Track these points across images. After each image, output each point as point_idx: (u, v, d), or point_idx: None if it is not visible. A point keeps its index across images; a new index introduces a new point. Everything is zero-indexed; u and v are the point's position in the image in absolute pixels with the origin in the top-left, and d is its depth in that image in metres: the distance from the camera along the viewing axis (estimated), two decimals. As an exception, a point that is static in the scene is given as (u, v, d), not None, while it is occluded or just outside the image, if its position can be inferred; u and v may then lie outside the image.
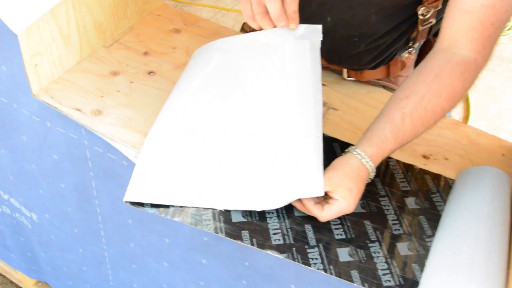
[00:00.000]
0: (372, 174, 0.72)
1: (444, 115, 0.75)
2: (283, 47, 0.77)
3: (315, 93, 0.74)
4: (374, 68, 0.96)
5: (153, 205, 0.72)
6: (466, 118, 2.27)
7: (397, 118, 0.71)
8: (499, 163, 0.86)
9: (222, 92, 0.79)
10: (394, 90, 1.06)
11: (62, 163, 0.93)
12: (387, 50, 0.93)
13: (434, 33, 0.97)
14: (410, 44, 0.95)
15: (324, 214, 0.69)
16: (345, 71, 0.99)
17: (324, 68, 0.99)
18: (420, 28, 0.90)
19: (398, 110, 0.72)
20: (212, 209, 0.72)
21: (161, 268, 1.00)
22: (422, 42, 0.97)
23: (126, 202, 0.71)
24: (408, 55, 0.97)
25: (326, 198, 0.71)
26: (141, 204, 0.72)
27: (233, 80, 0.79)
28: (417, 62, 1.03)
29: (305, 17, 0.84)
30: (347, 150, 0.73)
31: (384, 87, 1.01)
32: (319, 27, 0.76)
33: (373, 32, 0.88)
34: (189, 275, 0.95)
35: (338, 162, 0.72)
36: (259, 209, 0.70)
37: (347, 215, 0.73)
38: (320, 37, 0.75)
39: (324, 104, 0.92)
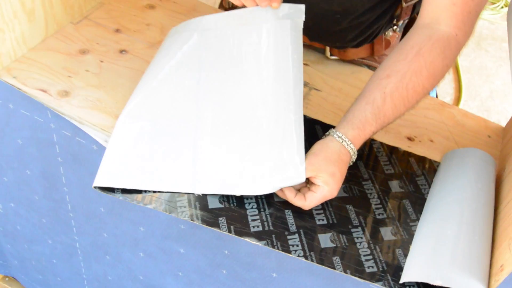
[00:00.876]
0: (354, 157, 0.74)
1: (426, 94, 0.76)
2: (264, 27, 0.77)
3: (295, 74, 0.74)
4: (357, 46, 0.98)
5: (124, 191, 0.72)
6: (458, 99, 2.31)
7: (378, 99, 0.73)
8: (485, 144, 0.89)
9: (199, 73, 0.79)
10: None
11: (27, 148, 0.93)
12: (370, 27, 0.94)
13: (418, 11, 0.99)
14: (394, 21, 0.96)
15: (308, 203, 0.71)
16: (327, 49, 1.00)
17: (306, 46, 1.00)
18: (404, 5, 0.92)
19: (379, 90, 0.73)
20: (187, 194, 0.73)
21: (136, 259, 1.00)
22: (406, 20, 0.99)
23: (95, 187, 0.72)
24: (393, 33, 0.98)
25: (308, 184, 0.72)
26: (112, 190, 0.72)
27: (212, 60, 0.80)
28: None
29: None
30: (327, 133, 0.74)
31: (369, 66, 1.03)
32: (302, 7, 0.77)
33: (356, 8, 0.89)
34: (166, 265, 0.95)
35: (318, 146, 0.73)
36: (238, 193, 0.71)
37: (329, 200, 0.74)
38: (302, 17, 0.76)
39: (306, 84, 0.93)
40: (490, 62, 2.51)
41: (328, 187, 0.70)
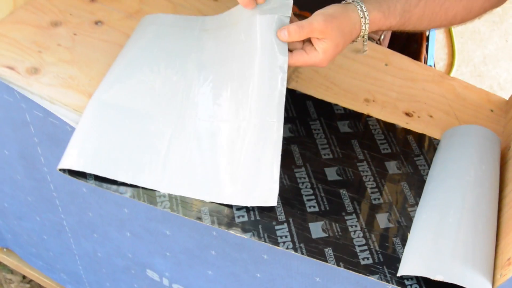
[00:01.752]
0: (358, 39, 0.66)
1: (452, 24, 0.69)
2: (248, 23, 0.66)
3: (277, 74, 0.63)
4: None
5: (98, 178, 0.63)
6: (451, 64, 2.20)
7: None
8: (487, 119, 0.79)
9: (180, 64, 0.70)
10: (374, 39, 0.96)
11: (2, 129, 0.83)
12: None
13: None
14: None
15: (292, 60, 0.63)
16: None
17: (296, 15, 0.89)
18: None
19: None
20: None
21: (123, 238, 0.92)
22: None
23: (60, 170, 0.62)
24: None
25: (304, 43, 0.64)
26: (83, 176, 0.63)
27: (192, 52, 0.71)
28: None
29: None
30: (351, 0, 0.65)
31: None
32: (289, 3, 0.65)
33: None
34: (154, 245, 0.88)
35: (338, 9, 0.64)
36: (205, 199, 0.62)
37: (321, 184, 0.65)
38: (289, 13, 0.64)
39: (297, 56, 0.82)
40: (483, 26, 2.37)
41: (324, 56, 0.62)
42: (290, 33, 0.62)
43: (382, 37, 0.97)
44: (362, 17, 0.64)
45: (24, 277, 1.56)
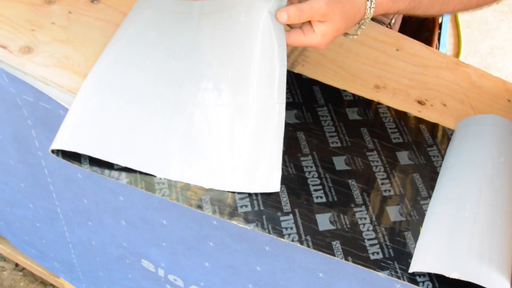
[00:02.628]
0: (362, 22, 0.62)
1: (466, 9, 0.65)
2: (247, 3, 0.63)
3: (275, 55, 0.60)
4: None
5: (93, 163, 0.59)
6: (456, 55, 2.16)
7: None
8: (504, 109, 0.76)
9: (179, 48, 0.66)
10: (384, 23, 0.93)
11: (-6, 111, 0.79)
12: None
13: None
14: None
15: (289, 40, 0.60)
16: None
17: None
18: None
19: None
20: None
21: (119, 226, 0.89)
22: None
23: (53, 151, 0.58)
24: None
25: (302, 24, 0.61)
26: (79, 161, 0.59)
27: (191, 36, 0.67)
28: None
29: None
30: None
31: (372, 18, 0.88)
32: None
33: None
34: (150, 235, 0.85)
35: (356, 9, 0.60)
36: (206, 186, 0.59)
37: (329, 173, 0.62)
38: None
39: (304, 39, 0.78)
40: (491, 16, 2.33)
41: (322, 39, 0.59)
42: (289, 16, 0.59)
43: (393, 21, 0.93)
44: (368, 0, 0.60)
45: (16, 264, 1.53)
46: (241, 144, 0.58)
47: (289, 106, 0.68)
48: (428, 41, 1.03)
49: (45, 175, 0.91)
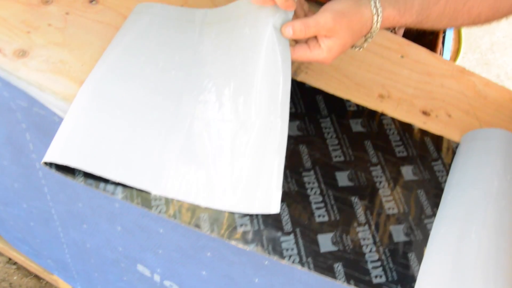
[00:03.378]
0: (368, 36, 0.61)
1: (475, 24, 0.64)
2: (252, 16, 0.60)
3: (280, 71, 0.58)
4: None
5: (87, 176, 0.57)
6: (457, 51, 2.14)
7: None
8: (510, 120, 0.74)
9: (179, 58, 0.64)
10: (389, 28, 0.90)
11: (-13, 113, 0.77)
12: None
13: None
14: None
15: (294, 55, 0.59)
16: (332, 3, 0.82)
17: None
18: None
19: None
20: None
21: (114, 232, 0.88)
22: None
23: (46, 165, 0.56)
24: None
25: (308, 39, 0.59)
26: (72, 172, 0.57)
27: (193, 46, 0.65)
28: None
29: None
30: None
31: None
32: None
33: None
34: (146, 241, 0.83)
35: (350, 3, 0.58)
36: (202, 205, 0.57)
37: (332, 190, 0.60)
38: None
39: (307, 45, 0.76)
40: (492, 12, 2.31)
41: (328, 54, 0.58)
42: (295, 31, 0.57)
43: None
44: (375, 14, 0.58)
45: (10, 258, 1.52)
46: (241, 162, 0.56)
47: (291, 116, 0.66)
48: (432, 44, 1.00)
49: (39, 177, 0.89)
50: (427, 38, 1.01)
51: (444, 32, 1.03)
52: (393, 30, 0.91)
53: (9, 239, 1.30)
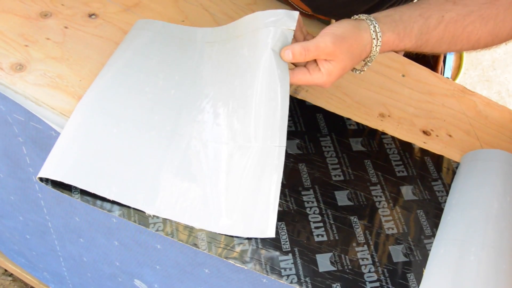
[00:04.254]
0: (368, 59, 0.61)
1: (475, 49, 0.64)
2: (251, 36, 0.60)
3: (278, 94, 0.58)
4: None
5: (84, 193, 0.57)
6: (458, 67, 2.14)
7: (433, 19, 0.59)
8: (510, 141, 0.73)
9: (179, 77, 0.64)
10: None
11: (-16, 126, 0.77)
12: (385, 2, 0.77)
13: None
14: None
15: (294, 79, 0.58)
16: (333, 21, 0.82)
17: (308, 16, 0.83)
18: None
19: (439, 10, 0.60)
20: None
21: (111, 246, 0.87)
22: None
23: (41, 180, 0.56)
24: None
25: (307, 63, 0.59)
26: (68, 189, 0.57)
27: (193, 65, 0.65)
28: None
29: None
30: (364, 17, 0.60)
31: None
32: (295, 14, 0.59)
33: None
34: (143, 257, 0.82)
35: (350, 28, 0.58)
36: (197, 227, 0.56)
37: (331, 209, 0.59)
38: (293, 26, 0.58)
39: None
40: (493, 28, 2.32)
41: (328, 78, 0.58)
42: (294, 54, 0.56)
43: None
44: (374, 38, 0.58)
45: (6, 269, 1.50)
46: (237, 185, 0.55)
47: (291, 135, 0.65)
48: (433, 63, 1.00)
49: (36, 191, 0.88)
50: (427, 57, 1.01)
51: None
52: None
53: (5, 251, 1.29)
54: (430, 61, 1.00)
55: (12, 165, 0.84)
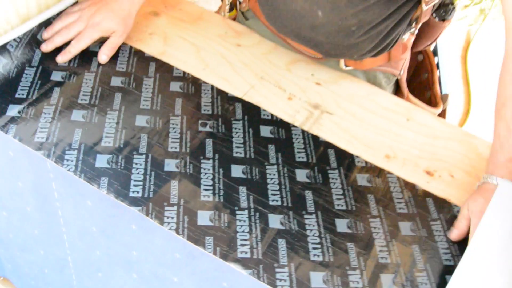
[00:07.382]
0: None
1: None
2: None
3: None
4: (376, 55, 0.97)
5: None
6: (467, 112, 2.31)
7: (502, 130, 0.79)
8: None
9: None
10: (394, 75, 1.06)
11: (19, 160, 0.94)
12: (389, 35, 0.92)
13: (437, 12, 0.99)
14: (413, 25, 0.95)
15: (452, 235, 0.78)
16: (342, 60, 0.98)
17: (318, 59, 0.99)
18: (424, 7, 0.90)
19: (501, 121, 0.79)
20: (177, 206, 0.74)
21: (129, 279, 1.01)
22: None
23: None
24: (410, 36, 0.98)
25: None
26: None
27: None
28: (415, 41, 1.05)
29: (292, 14, 0.84)
30: (493, 181, 0.79)
31: (384, 73, 1.02)
32: None
33: (373, 18, 0.88)
34: (159, 290, 0.96)
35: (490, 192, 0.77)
36: None
37: (330, 234, 0.74)
38: None
39: (318, 107, 0.92)
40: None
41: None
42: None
43: (402, 71, 1.07)
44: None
45: (19, 309, 1.64)
46: None
47: (302, 165, 0.81)
48: (428, 82, 1.15)
49: (60, 225, 1.04)
50: (422, 76, 1.16)
51: (438, 67, 1.18)
52: (398, 76, 1.06)
53: (21, 287, 1.44)
54: (426, 81, 1.15)
55: (40, 199, 1.01)
